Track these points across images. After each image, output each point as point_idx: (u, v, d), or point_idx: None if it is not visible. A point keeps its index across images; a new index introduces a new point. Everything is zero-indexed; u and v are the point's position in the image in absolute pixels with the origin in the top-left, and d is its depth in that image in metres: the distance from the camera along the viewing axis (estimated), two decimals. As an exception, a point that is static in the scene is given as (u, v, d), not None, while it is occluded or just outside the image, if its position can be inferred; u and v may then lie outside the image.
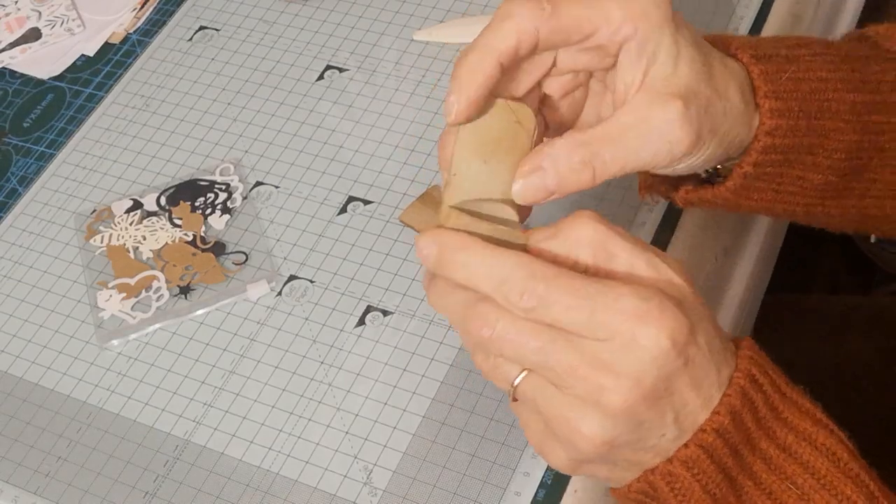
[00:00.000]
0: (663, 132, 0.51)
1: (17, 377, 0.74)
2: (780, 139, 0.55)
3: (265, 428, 0.69)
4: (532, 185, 0.51)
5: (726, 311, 0.77)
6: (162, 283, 0.76)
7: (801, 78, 0.56)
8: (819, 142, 0.56)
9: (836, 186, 0.59)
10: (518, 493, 0.64)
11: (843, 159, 0.57)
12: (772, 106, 0.55)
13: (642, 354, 0.46)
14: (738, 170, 0.56)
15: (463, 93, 0.50)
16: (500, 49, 0.50)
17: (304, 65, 0.88)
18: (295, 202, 0.79)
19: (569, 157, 0.50)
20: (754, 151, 0.55)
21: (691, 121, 0.51)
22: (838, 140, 0.57)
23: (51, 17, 0.96)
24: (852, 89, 0.57)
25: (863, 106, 0.57)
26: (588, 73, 0.55)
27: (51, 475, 0.69)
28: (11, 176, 0.85)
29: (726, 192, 0.57)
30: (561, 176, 0.50)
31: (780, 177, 0.57)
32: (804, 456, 0.49)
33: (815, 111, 0.56)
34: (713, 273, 0.75)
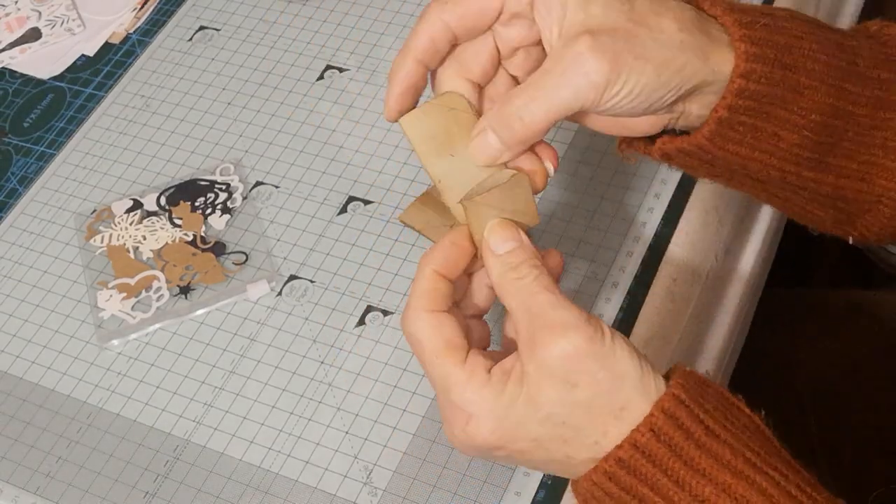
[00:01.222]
0: (576, 66, 0.53)
1: (17, 377, 0.74)
2: (754, 84, 0.55)
3: (265, 428, 0.69)
4: (478, 146, 0.55)
5: (726, 309, 0.77)
6: (162, 283, 0.76)
7: (777, 30, 0.56)
8: (793, 97, 0.56)
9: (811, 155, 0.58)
10: (518, 493, 0.64)
11: (817, 122, 0.57)
12: (747, 49, 0.55)
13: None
14: (713, 115, 0.56)
15: (389, 93, 0.56)
16: (416, 48, 0.55)
17: (304, 65, 0.88)
18: (295, 202, 0.79)
19: (499, 112, 0.54)
20: (729, 94, 0.55)
21: (603, 49, 0.52)
22: (813, 100, 0.57)
23: (51, 17, 0.96)
24: (827, 53, 0.57)
25: (837, 71, 0.57)
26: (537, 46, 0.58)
27: (51, 475, 0.69)
28: (11, 176, 0.85)
29: (702, 138, 0.57)
30: (497, 132, 0.54)
31: (755, 129, 0.57)
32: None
33: (790, 63, 0.56)
34: (713, 272, 0.75)
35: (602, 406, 0.51)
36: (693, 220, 0.75)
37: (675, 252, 0.73)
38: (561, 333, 0.50)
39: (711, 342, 0.75)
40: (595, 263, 0.72)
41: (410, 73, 0.56)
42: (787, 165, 0.59)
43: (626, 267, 0.72)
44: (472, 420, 0.52)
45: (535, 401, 0.51)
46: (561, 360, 0.50)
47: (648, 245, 0.73)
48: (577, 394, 0.50)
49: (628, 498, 0.51)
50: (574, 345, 0.50)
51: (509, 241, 0.54)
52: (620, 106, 0.55)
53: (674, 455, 0.50)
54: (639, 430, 0.50)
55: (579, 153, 0.78)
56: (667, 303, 0.71)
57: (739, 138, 0.57)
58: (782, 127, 0.57)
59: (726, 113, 0.56)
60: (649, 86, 0.54)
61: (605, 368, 0.50)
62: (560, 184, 0.77)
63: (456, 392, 0.52)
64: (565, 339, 0.50)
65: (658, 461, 0.50)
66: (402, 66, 0.56)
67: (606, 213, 0.75)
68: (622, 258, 0.72)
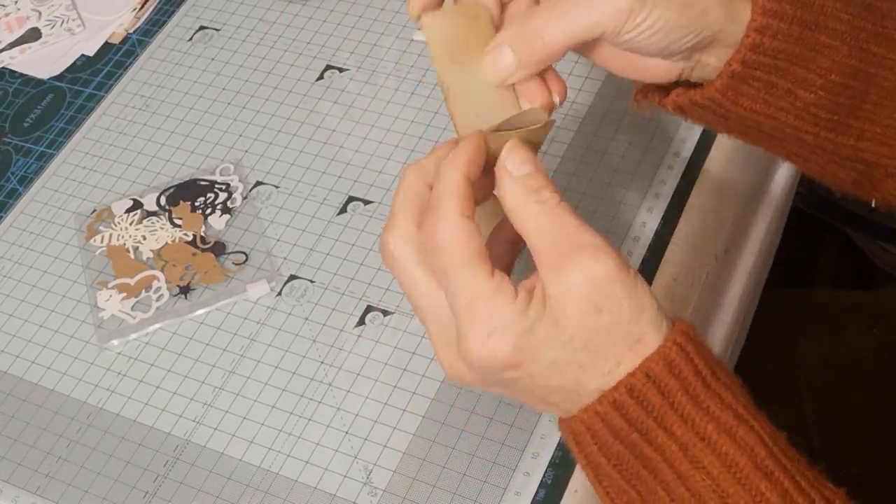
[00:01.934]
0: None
1: (17, 377, 0.74)
2: (769, 40, 0.55)
3: (265, 428, 0.69)
4: (492, 61, 0.54)
5: (726, 309, 0.77)
6: (162, 283, 0.76)
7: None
8: (812, 56, 0.56)
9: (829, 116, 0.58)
10: (518, 493, 0.64)
11: (837, 83, 0.56)
12: (765, 4, 0.54)
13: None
14: (726, 68, 0.56)
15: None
16: None
17: (304, 65, 0.88)
18: (295, 202, 0.79)
19: (519, 29, 0.53)
20: (743, 48, 0.55)
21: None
22: (833, 60, 0.56)
23: (51, 17, 0.96)
24: (853, 13, 0.56)
25: (863, 32, 0.57)
26: None
27: (51, 475, 0.69)
28: (11, 176, 0.85)
29: (715, 92, 0.57)
30: (514, 49, 0.53)
31: (770, 86, 0.56)
32: (722, 447, 0.49)
33: (810, 21, 0.55)
34: (713, 272, 0.75)
35: (621, 335, 0.50)
36: (693, 220, 0.75)
37: (675, 252, 0.73)
38: (592, 255, 0.50)
39: (711, 342, 0.75)
40: (595, 263, 0.72)
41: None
42: (803, 124, 0.58)
43: (626, 267, 0.72)
44: (495, 333, 0.50)
45: (559, 323, 0.50)
46: (591, 282, 0.49)
47: (648, 245, 0.73)
48: (602, 319, 0.50)
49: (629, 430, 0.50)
50: (606, 268, 0.49)
51: (528, 162, 0.52)
52: (639, 39, 0.55)
53: (682, 388, 0.49)
54: (652, 360, 0.49)
55: (579, 153, 0.78)
56: (666, 303, 0.71)
57: (753, 94, 0.56)
58: (799, 85, 0.56)
59: (739, 67, 0.55)
60: (671, 22, 0.54)
61: (629, 297, 0.50)
62: (560, 184, 0.77)
63: (481, 303, 0.50)
64: (597, 261, 0.49)
65: (667, 393, 0.49)
66: None
67: (606, 213, 0.75)
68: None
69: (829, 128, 0.58)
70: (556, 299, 0.50)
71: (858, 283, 1.25)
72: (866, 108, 0.58)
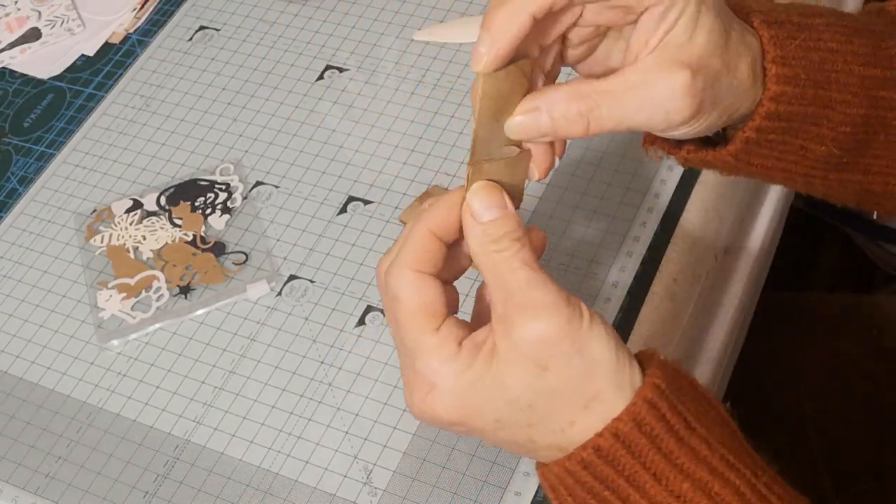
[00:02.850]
0: (664, 98, 0.51)
1: (17, 377, 0.74)
2: (784, 106, 0.55)
3: (265, 428, 0.69)
4: (525, 122, 0.52)
5: (726, 309, 0.77)
6: (162, 283, 0.76)
7: (812, 47, 0.55)
8: (824, 113, 0.56)
9: (839, 159, 0.58)
10: (518, 493, 0.64)
11: (848, 133, 0.57)
12: (779, 72, 0.54)
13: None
14: (740, 134, 0.56)
15: (495, 44, 0.50)
16: (537, 4, 0.51)
17: (304, 65, 0.88)
18: (295, 202, 0.79)
19: (566, 105, 0.51)
20: (758, 117, 0.55)
21: (695, 92, 0.51)
22: (844, 113, 0.56)
23: (51, 17, 0.96)
24: (863, 63, 0.57)
25: (872, 80, 0.57)
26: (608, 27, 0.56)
27: (51, 475, 0.69)
28: (11, 176, 0.85)
29: (727, 155, 0.57)
30: (555, 120, 0.52)
31: (783, 144, 0.57)
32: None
33: (822, 81, 0.55)
34: (713, 273, 0.75)
35: (572, 394, 0.49)
36: (693, 220, 0.75)
37: (675, 252, 0.73)
38: (536, 315, 0.48)
39: (711, 342, 0.75)
40: (595, 263, 0.72)
41: (525, 27, 0.50)
42: (813, 171, 0.58)
43: (627, 266, 0.72)
44: (433, 391, 0.50)
45: (503, 381, 0.49)
46: (534, 342, 0.48)
47: (648, 245, 0.73)
48: (548, 379, 0.49)
49: (601, 488, 0.49)
50: (549, 327, 0.48)
51: (493, 207, 0.51)
52: (674, 135, 0.55)
53: (654, 447, 0.48)
54: (620, 419, 0.48)
55: (579, 153, 0.78)
56: (667, 303, 0.71)
57: (766, 153, 0.57)
58: (811, 140, 0.57)
59: (754, 134, 0.55)
60: (707, 127, 0.54)
61: (579, 354, 0.49)
62: (560, 184, 0.77)
63: (422, 359, 0.50)
64: (540, 320, 0.48)
65: (638, 453, 0.48)
66: (517, 18, 0.50)
67: (606, 212, 0.75)
68: (622, 258, 0.72)
69: (838, 169, 0.59)
70: (503, 355, 0.49)
71: (858, 284, 1.25)
72: (874, 147, 0.58)
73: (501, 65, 0.51)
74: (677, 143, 0.59)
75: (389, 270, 0.51)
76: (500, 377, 0.49)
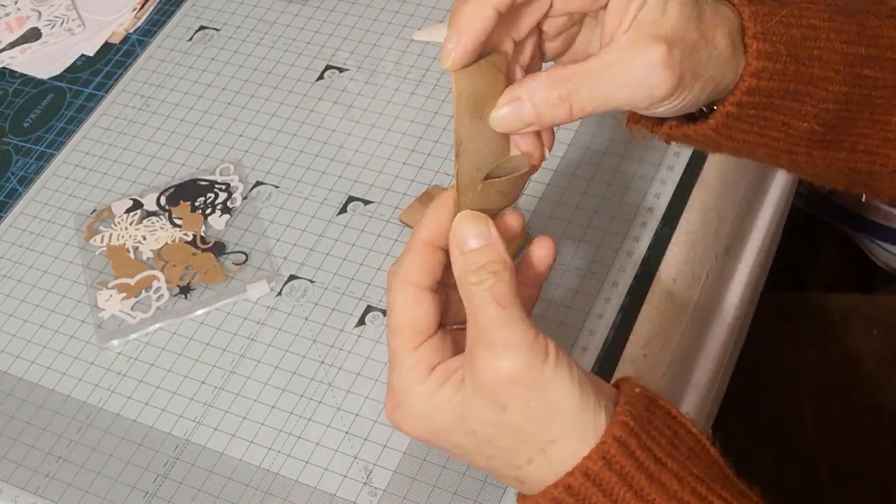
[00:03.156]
0: (644, 74, 0.51)
1: (17, 377, 0.74)
2: (765, 82, 0.55)
3: (265, 428, 0.69)
4: (508, 114, 0.52)
5: (726, 309, 0.77)
6: (162, 283, 0.76)
7: (793, 23, 0.55)
8: (806, 89, 0.56)
9: (822, 137, 0.58)
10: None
11: (830, 110, 0.57)
12: (759, 47, 0.54)
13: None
14: (720, 109, 0.56)
15: (461, 40, 0.50)
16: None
17: (304, 65, 0.88)
18: (295, 202, 0.79)
19: (547, 90, 0.51)
20: (738, 91, 0.55)
21: (674, 65, 0.52)
22: (826, 90, 0.56)
23: (51, 17, 0.96)
24: (846, 40, 0.57)
25: (856, 58, 0.57)
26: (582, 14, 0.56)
27: (51, 475, 0.69)
28: (11, 176, 0.85)
29: (708, 129, 0.57)
30: (537, 108, 0.52)
31: (764, 120, 0.57)
32: None
33: (804, 57, 0.55)
34: (713, 272, 0.75)
35: (530, 435, 0.49)
36: (693, 220, 0.75)
37: (675, 252, 0.73)
38: (498, 354, 0.48)
39: (711, 343, 0.75)
40: (595, 263, 0.72)
41: (489, 21, 0.50)
42: (796, 147, 0.58)
43: (627, 267, 0.72)
44: (399, 408, 0.51)
45: (465, 413, 0.50)
46: (494, 381, 0.49)
47: (648, 245, 0.73)
48: (507, 417, 0.49)
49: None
50: (509, 369, 0.48)
51: (476, 237, 0.51)
52: (655, 113, 0.55)
53: (624, 485, 0.48)
54: (590, 458, 0.48)
55: (579, 153, 0.78)
56: (667, 303, 0.71)
57: (747, 128, 0.57)
58: (793, 116, 0.56)
59: (735, 109, 0.55)
60: (691, 100, 0.54)
61: (539, 398, 0.49)
62: (560, 184, 0.77)
63: (396, 373, 0.51)
64: (502, 360, 0.48)
65: (608, 491, 0.48)
66: (480, 12, 0.50)
67: (606, 212, 0.75)
68: (622, 258, 0.72)
69: (822, 146, 0.59)
70: (466, 389, 0.50)
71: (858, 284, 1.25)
72: (859, 126, 0.58)
73: (470, 60, 0.51)
74: (659, 121, 0.59)
75: (391, 281, 0.52)
76: (462, 409, 0.50)
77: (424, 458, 0.66)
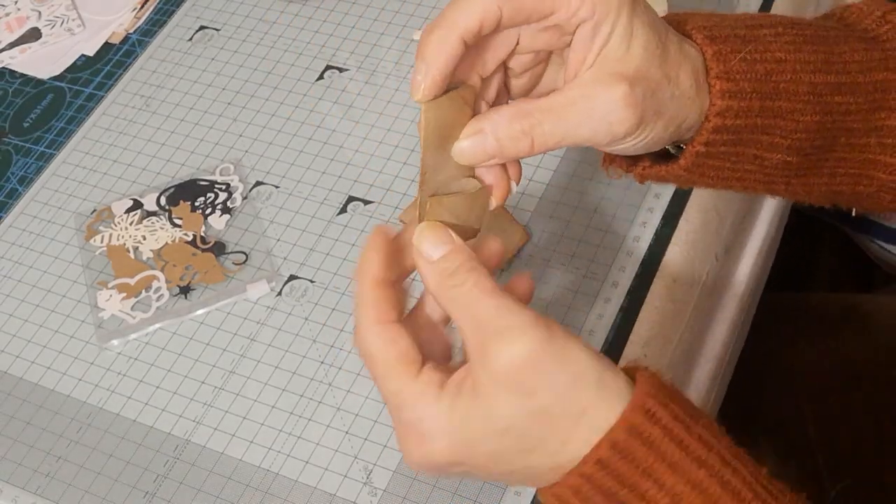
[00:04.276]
0: (606, 111, 0.52)
1: (17, 377, 0.74)
2: (730, 120, 0.55)
3: (265, 428, 0.69)
4: (471, 146, 0.52)
5: (726, 310, 0.77)
6: (162, 283, 0.76)
7: (757, 59, 0.56)
8: (775, 122, 0.56)
9: (798, 166, 0.58)
10: (518, 493, 0.64)
11: (803, 139, 0.57)
12: (723, 87, 0.55)
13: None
14: (689, 149, 0.56)
15: (430, 72, 0.51)
16: (464, 26, 0.51)
17: (304, 65, 0.88)
18: (295, 202, 0.79)
19: (509, 124, 0.52)
20: (705, 131, 0.55)
21: (636, 103, 0.52)
22: (797, 121, 0.56)
23: (51, 17, 0.96)
24: (814, 70, 0.57)
25: (825, 87, 0.57)
26: (548, 52, 0.56)
27: (51, 475, 0.69)
28: (11, 176, 0.85)
29: (679, 169, 0.57)
30: (500, 141, 0.52)
31: (735, 155, 0.57)
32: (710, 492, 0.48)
33: (769, 92, 0.56)
34: (713, 273, 0.75)
35: (562, 412, 0.48)
36: (693, 220, 0.75)
37: (675, 252, 0.73)
38: (511, 339, 0.48)
39: (711, 343, 0.75)
40: (595, 263, 0.72)
41: (456, 51, 0.51)
42: (773, 178, 0.59)
43: (626, 267, 0.72)
44: (426, 438, 0.49)
45: (491, 413, 0.48)
46: (515, 367, 0.48)
47: (648, 245, 0.73)
48: (536, 401, 0.48)
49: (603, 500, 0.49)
50: (527, 349, 0.48)
51: (441, 244, 0.51)
52: (621, 150, 0.55)
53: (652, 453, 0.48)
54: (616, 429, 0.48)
55: (579, 153, 0.78)
56: (667, 303, 0.71)
57: (718, 164, 0.57)
58: (764, 150, 0.57)
59: (703, 148, 0.56)
60: (653, 138, 0.54)
61: (562, 371, 0.48)
62: (560, 184, 0.77)
63: (409, 407, 0.50)
64: (517, 344, 0.48)
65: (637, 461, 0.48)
66: (446, 42, 0.51)
67: (606, 213, 0.75)
68: (622, 258, 0.72)
69: (800, 174, 0.59)
70: (485, 388, 0.49)
71: (858, 284, 1.25)
72: (837, 151, 0.59)
73: (439, 91, 0.51)
74: (633, 161, 0.59)
75: (356, 335, 0.52)
76: (488, 410, 0.49)
77: (424, 458, 0.66)
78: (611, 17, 0.52)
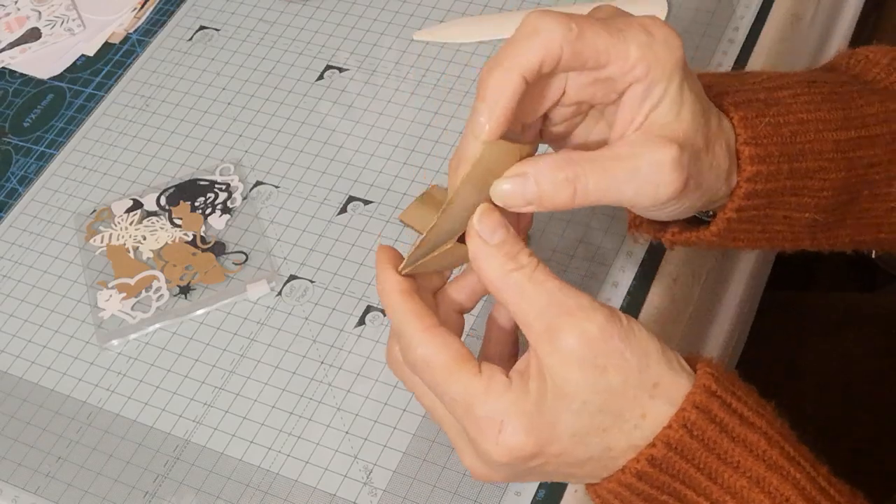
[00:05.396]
0: (653, 172, 0.51)
1: (17, 377, 0.74)
2: (761, 185, 0.56)
3: (265, 428, 0.69)
4: (512, 189, 0.51)
5: (726, 309, 0.77)
6: (162, 283, 0.76)
7: (781, 122, 0.56)
8: (803, 183, 0.57)
9: (825, 221, 0.59)
10: (518, 492, 0.64)
11: (829, 197, 0.58)
12: (752, 153, 0.55)
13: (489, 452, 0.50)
14: (721, 215, 0.57)
15: (494, 112, 0.51)
16: (526, 64, 0.50)
17: (304, 65, 0.88)
18: (295, 202, 0.79)
19: (554, 171, 0.51)
20: (737, 198, 0.56)
21: (683, 167, 0.52)
22: (823, 179, 0.57)
23: (51, 17, 0.96)
24: (835, 128, 0.57)
25: (847, 143, 0.57)
26: (590, 105, 0.56)
27: (51, 475, 0.69)
28: (11, 176, 0.85)
29: (710, 235, 0.58)
30: (541, 187, 0.51)
31: (766, 218, 0.58)
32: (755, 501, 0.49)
33: (796, 154, 0.56)
34: (713, 272, 0.75)
35: (635, 386, 0.49)
36: (693, 220, 0.75)
37: (675, 252, 0.73)
38: (582, 317, 0.48)
39: (711, 343, 0.75)
40: (595, 263, 0.72)
41: (518, 89, 0.50)
42: (800, 235, 0.60)
43: (626, 267, 0.72)
44: (504, 428, 0.49)
45: (565, 392, 0.48)
46: (587, 346, 0.48)
47: (648, 245, 0.73)
48: (609, 377, 0.49)
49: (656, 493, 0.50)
50: (598, 326, 0.48)
51: (500, 228, 0.51)
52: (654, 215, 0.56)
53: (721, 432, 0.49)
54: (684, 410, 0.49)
55: (579, 153, 0.78)
56: (667, 303, 0.71)
57: (749, 228, 0.58)
58: (793, 210, 0.57)
59: (735, 214, 0.56)
60: (689, 208, 0.55)
61: (630, 347, 0.49)
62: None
63: (479, 404, 0.49)
64: (587, 321, 0.48)
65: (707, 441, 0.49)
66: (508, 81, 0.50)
67: (606, 213, 0.75)
68: (622, 258, 0.72)
69: (825, 229, 0.60)
70: (555, 369, 0.49)
71: (859, 284, 1.25)
72: (860, 202, 0.59)
73: (502, 131, 0.51)
74: (662, 226, 0.60)
75: (405, 347, 0.51)
76: (561, 390, 0.49)
77: (424, 458, 0.66)
78: (664, 81, 0.52)
